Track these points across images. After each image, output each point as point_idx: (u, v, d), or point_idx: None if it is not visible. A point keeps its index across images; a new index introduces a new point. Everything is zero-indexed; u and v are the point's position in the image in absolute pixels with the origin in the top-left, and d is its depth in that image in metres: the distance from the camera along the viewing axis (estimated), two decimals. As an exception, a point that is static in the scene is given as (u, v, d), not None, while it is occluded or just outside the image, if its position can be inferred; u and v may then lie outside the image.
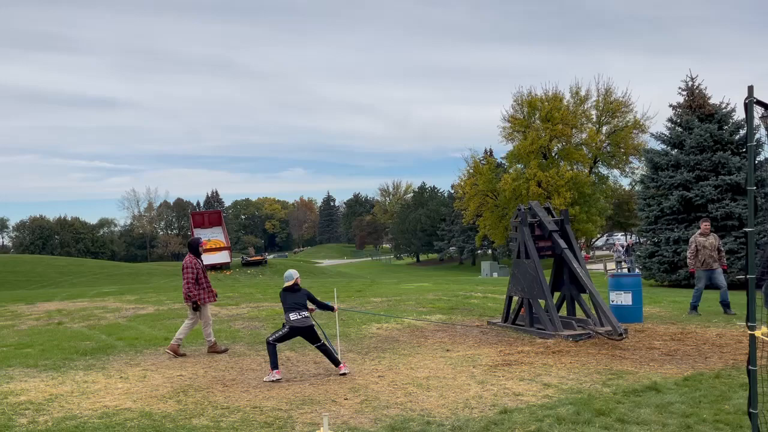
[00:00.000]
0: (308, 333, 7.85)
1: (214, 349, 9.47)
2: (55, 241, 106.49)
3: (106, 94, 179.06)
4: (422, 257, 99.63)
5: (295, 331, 7.82)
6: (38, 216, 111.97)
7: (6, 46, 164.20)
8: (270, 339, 7.83)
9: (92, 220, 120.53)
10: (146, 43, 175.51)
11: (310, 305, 8.00)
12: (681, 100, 26.55)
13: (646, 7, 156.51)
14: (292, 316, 7.79)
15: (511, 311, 11.14)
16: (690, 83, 26.32)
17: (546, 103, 42.68)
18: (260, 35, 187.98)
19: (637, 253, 28.21)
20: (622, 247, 34.95)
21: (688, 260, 12.77)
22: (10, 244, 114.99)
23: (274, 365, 7.67)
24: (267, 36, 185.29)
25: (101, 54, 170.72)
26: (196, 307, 9.47)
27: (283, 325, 7.87)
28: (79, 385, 7.43)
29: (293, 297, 7.91)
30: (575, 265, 10.29)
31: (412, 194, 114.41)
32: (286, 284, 8.01)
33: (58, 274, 41.67)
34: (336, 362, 7.83)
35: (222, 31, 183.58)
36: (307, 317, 7.82)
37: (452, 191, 76.77)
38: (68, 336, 11.09)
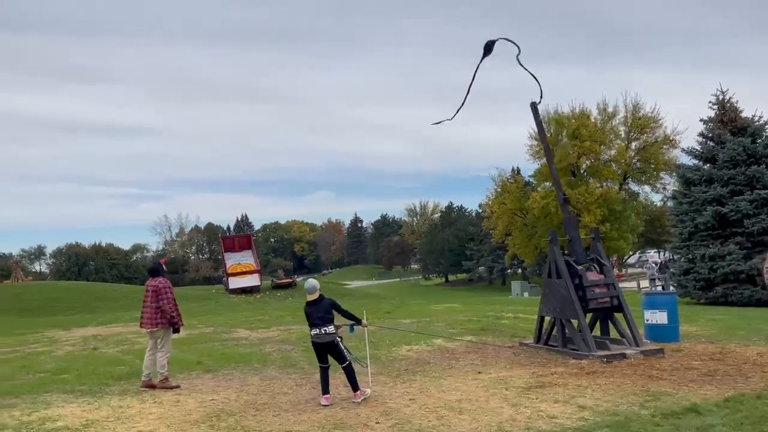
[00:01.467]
0: (330, 350, 7.62)
1: (149, 384, 8.68)
2: (90, 267, 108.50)
3: (135, 122, 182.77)
4: (451, 277, 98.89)
5: (316, 347, 7.70)
6: (74, 243, 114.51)
7: (43, 76, 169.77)
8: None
9: (125, 245, 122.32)
10: (174, 70, 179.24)
11: (338, 325, 7.78)
12: (712, 114, 26.12)
13: (673, 20, 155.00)
14: (313, 332, 7.67)
15: (543, 331, 10.99)
16: (721, 97, 25.90)
17: (573, 120, 42.43)
18: (285, 60, 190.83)
19: (672, 270, 27.60)
20: (656, 264, 34.24)
21: (765, 278, 11.77)
22: (47, 270, 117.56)
23: (323, 390, 7.65)
24: (292, 60, 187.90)
25: (131, 83, 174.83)
26: (177, 330, 9.07)
27: None
28: (115, 410, 7.53)
29: (316, 310, 7.66)
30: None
31: (439, 214, 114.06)
32: (310, 298, 7.78)
33: (94, 299, 42.30)
34: (355, 388, 7.64)
35: (247, 57, 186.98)
36: (327, 333, 7.55)
37: (480, 210, 76.39)
38: (103, 361, 11.27)
